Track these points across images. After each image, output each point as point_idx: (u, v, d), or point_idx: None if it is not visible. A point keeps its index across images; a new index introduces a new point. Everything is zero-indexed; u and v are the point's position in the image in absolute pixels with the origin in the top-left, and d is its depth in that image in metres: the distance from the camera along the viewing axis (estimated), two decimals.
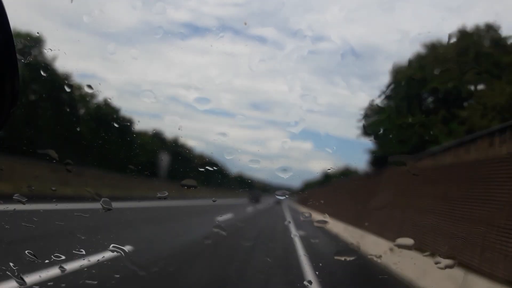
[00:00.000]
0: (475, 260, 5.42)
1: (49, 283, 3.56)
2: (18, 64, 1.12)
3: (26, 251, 3.42)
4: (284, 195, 4.05)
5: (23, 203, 3.02)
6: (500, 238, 5.09)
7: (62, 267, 3.38)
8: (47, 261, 3.62)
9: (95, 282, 3.78)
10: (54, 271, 3.60)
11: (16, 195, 3.02)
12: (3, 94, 1.04)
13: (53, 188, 4.70)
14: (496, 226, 5.24)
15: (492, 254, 5.17)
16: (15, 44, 1.07)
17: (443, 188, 7.14)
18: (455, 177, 7.04)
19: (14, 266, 3.05)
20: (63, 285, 3.53)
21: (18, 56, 1.13)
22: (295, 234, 8.44)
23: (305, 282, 5.09)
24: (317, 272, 5.55)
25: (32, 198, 3.35)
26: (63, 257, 3.54)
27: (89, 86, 3.44)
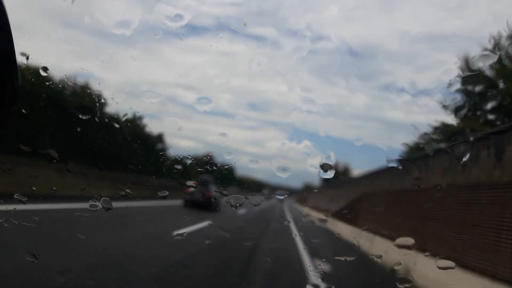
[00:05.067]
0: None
1: (50, 282, 3.58)
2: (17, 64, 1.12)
3: (26, 252, 3.44)
4: (283, 195, 4.06)
5: (24, 202, 3.04)
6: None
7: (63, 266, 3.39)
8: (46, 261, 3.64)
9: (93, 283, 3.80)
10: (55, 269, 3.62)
11: (17, 194, 3.04)
12: (3, 93, 1.04)
13: (54, 188, 4.71)
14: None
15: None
16: (14, 43, 1.08)
17: None
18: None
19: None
20: (64, 283, 3.55)
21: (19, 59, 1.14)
22: None
23: None
24: None
25: (33, 198, 3.36)
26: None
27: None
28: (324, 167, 3.28)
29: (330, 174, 3.25)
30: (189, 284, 4.46)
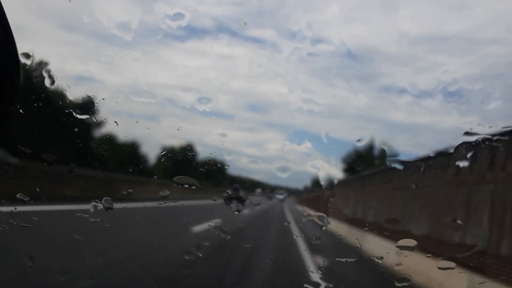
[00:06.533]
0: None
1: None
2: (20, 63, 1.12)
3: (25, 255, 3.45)
4: (283, 195, 4.08)
5: (26, 202, 3.05)
6: None
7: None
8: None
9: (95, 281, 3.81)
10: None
11: (19, 194, 3.05)
12: (2, 92, 1.04)
13: (56, 189, 4.71)
14: None
15: None
16: (15, 42, 1.08)
17: None
18: None
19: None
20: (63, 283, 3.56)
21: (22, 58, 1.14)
22: None
23: None
24: None
25: (35, 199, 3.36)
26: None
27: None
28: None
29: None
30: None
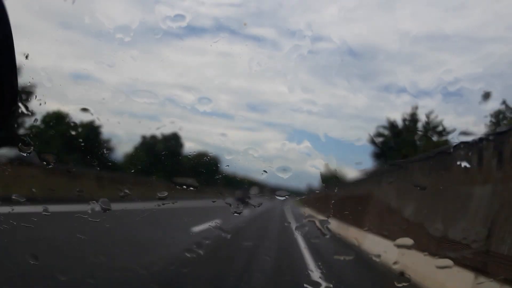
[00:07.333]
0: None
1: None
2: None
3: (28, 254, 3.43)
4: (284, 196, 4.08)
5: (22, 203, 3.04)
6: None
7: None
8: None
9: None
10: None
11: (15, 195, 3.04)
12: (3, 94, 1.04)
13: (52, 189, 4.71)
14: None
15: None
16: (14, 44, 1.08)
17: None
18: None
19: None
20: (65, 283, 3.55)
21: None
22: None
23: None
24: None
25: (31, 200, 3.35)
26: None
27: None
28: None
29: None
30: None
